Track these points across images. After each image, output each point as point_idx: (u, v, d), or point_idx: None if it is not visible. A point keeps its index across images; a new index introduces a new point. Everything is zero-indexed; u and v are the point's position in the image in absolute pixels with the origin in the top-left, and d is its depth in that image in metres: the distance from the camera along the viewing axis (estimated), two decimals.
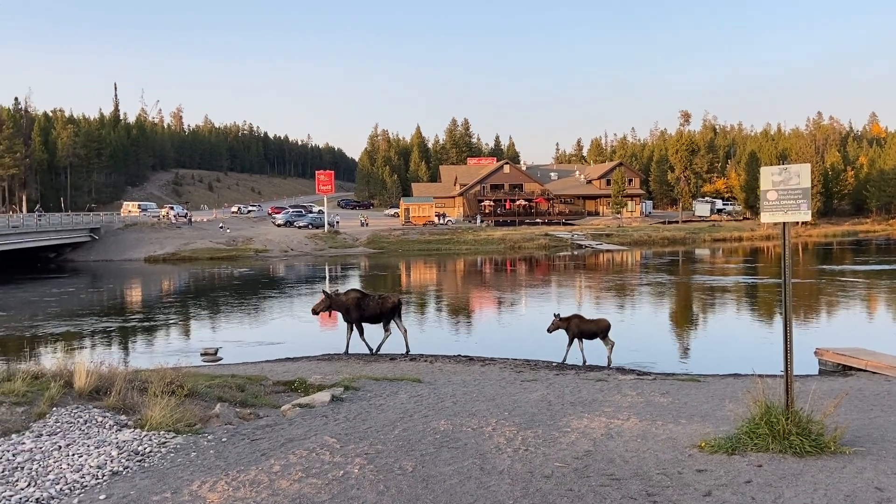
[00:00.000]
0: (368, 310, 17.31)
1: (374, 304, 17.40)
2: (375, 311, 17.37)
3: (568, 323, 15.86)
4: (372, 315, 17.39)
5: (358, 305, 17.21)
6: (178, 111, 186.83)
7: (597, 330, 15.95)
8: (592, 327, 15.98)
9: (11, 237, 49.60)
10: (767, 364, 13.21)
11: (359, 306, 17.21)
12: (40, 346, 20.91)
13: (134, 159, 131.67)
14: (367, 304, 17.36)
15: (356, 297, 17.36)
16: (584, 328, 15.89)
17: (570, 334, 15.85)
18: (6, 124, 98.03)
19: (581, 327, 15.87)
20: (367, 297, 17.58)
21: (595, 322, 16.18)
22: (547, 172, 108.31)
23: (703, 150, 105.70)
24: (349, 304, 17.20)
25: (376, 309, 17.37)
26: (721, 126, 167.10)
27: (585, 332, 15.90)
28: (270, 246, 61.94)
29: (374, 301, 17.47)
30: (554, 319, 15.97)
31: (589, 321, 16.18)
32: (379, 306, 17.40)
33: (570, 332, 15.81)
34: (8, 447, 6.55)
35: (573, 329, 15.80)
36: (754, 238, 72.01)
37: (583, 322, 16.01)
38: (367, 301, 17.39)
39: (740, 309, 27.56)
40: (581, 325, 15.91)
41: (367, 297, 17.58)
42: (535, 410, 8.91)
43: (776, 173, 6.84)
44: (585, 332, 15.90)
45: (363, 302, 17.32)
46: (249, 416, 8.58)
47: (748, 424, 6.74)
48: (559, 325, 15.90)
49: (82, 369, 8.55)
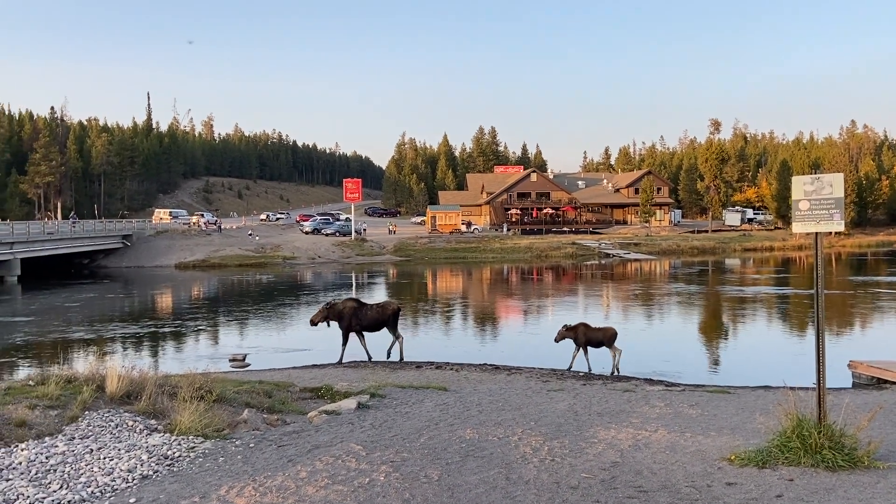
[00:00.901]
0: (367, 318, 17.24)
1: (373, 312, 17.35)
2: (375, 319, 17.32)
3: (575, 332, 16.15)
4: (372, 323, 17.34)
5: (355, 314, 17.16)
6: (209, 120, 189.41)
7: (603, 338, 16.17)
8: (599, 335, 16.22)
9: (47, 244, 50.68)
10: (799, 376, 12.97)
11: (356, 315, 17.15)
12: (73, 350, 21.30)
13: (166, 167, 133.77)
14: (366, 312, 17.28)
15: (353, 307, 17.29)
16: (590, 336, 16.15)
17: (577, 343, 16.15)
18: (43, 133, 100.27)
19: (588, 335, 16.13)
20: (364, 305, 17.53)
21: (602, 330, 16.41)
22: (574, 181, 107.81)
23: (734, 158, 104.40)
24: (346, 313, 17.16)
25: (376, 317, 17.32)
26: (752, 134, 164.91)
27: (592, 340, 16.16)
28: (298, 253, 62.46)
29: (372, 310, 17.42)
30: (561, 329, 16.27)
31: (595, 329, 16.41)
32: (379, 314, 17.37)
33: (578, 340, 16.11)
34: (41, 450, 6.68)
35: (580, 338, 16.09)
36: (786, 248, 70.86)
37: (589, 330, 16.26)
38: (364, 310, 17.32)
39: (771, 320, 27.12)
40: (588, 333, 16.17)
41: (364, 305, 17.53)
42: (561, 420, 8.85)
43: (808, 183, 6.74)
44: (592, 341, 16.16)
45: (360, 311, 17.25)
46: (276, 422, 8.65)
47: (779, 438, 6.62)
48: (566, 335, 16.19)
49: (114, 374, 8.69)
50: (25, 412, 7.53)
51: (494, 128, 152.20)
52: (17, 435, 7.04)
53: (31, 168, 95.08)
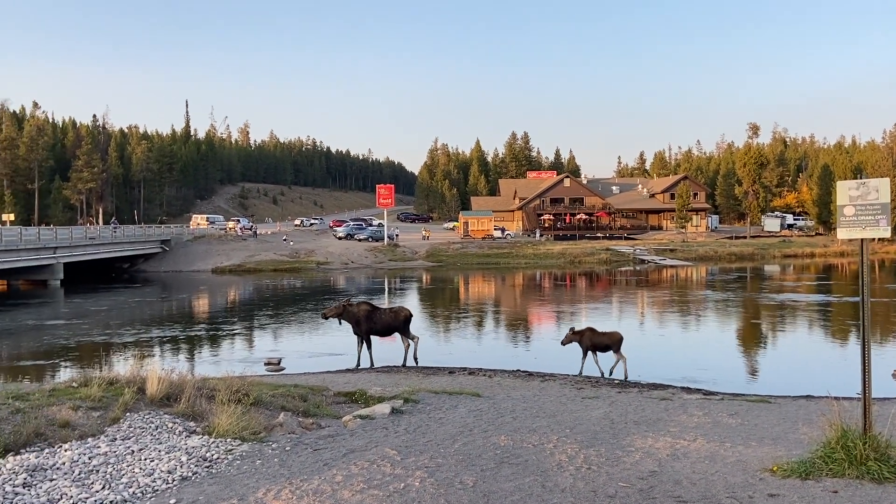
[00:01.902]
0: (380, 322, 17.34)
1: (386, 316, 17.44)
2: (388, 324, 17.40)
3: (581, 336, 16.36)
4: (384, 327, 17.42)
5: (368, 318, 17.24)
6: (245, 127, 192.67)
7: (609, 343, 16.32)
8: (605, 340, 16.39)
9: (88, 248, 51.90)
10: (842, 386, 12.64)
11: (369, 318, 17.24)
12: (115, 352, 21.75)
13: (203, 173, 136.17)
14: (379, 316, 17.37)
15: (367, 310, 17.37)
16: (596, 341, 16.33)
17: (583, 347, 16.34)
18: (85, 140, 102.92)
19: (594, 340, 16.32)
20: (377, 310, 17.63)
21: (608, 335, 16.57)
22: (608, 186, 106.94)
23: (773, 163, 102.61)
24: (360, 317, 17.24)
25: (389, 321, 17.40)
26: (792, 138, 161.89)
27: (598, 344, 16.33)
28: (331, 258, 62.97)
29: (386, 314, 17.51)
30: (567, 333, 16.55)
31: (601, 334, 16.60)
32: (391, 319, 17.44)
33: (584, 344, 16.30)
34: (84, 450, 6.82)
35: (586, 342, 16.29)
36: (827, 254, 69.28)
37: (595, 335, 16.45)
38: (377, 314, 17.41)
39: (812, 328, 26.52)
40: (594, 337, 16.37)
41: (377, 310, 17.63)
42: (597, 428, 8.76)
43: (853, 188, 6.58)
44: (598, 345, 16.33)
45: (374, 315, 17.34)
46: (312, 426, 8.71)
47: (823, 448, 6.45)
48: (572, 339, 16.43)
49: (154, 376, 8.85)
50: (69, 413, 7.70)
51: (527, 133, 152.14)
52: (61, 436, 7.20)
53: (74, 174, 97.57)
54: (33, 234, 45.58)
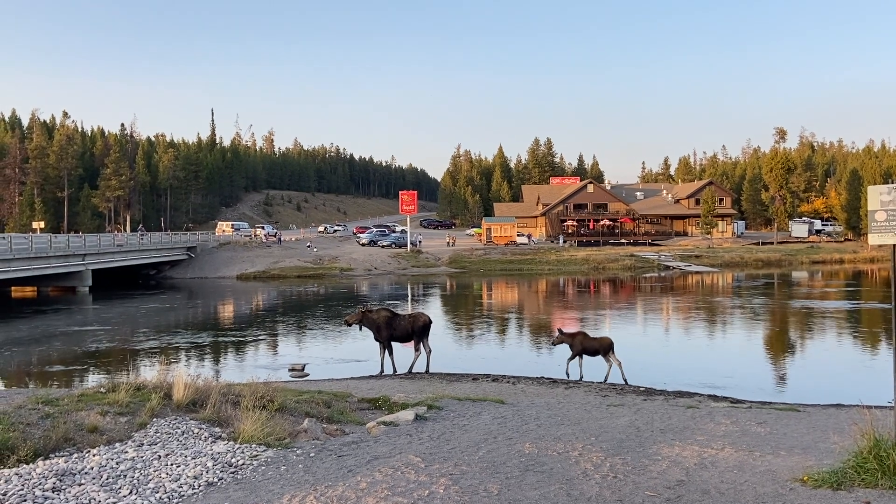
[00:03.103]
0: (399, 329, 17.38)
1: (405, 323, 17.47)
2: (406, 331, 17.43)
3: (572, 339, 16.71)
4: (403, 334, 17.45)
5: (388, 324, 17.29)
6: (269, 135, 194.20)
7: (599, 347, 16.69)
8: (595, 345, 16.74)
9: (116, 255, 52.68)
10: (874, 395, 12.38)
11: (389, 325, 17.29)
12: (142, 358, 22.02)
13: (228, 181, 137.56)
14: (399, 323, 17.42)
15: (386, 317, 17.42)
16: (587, 345, 16.68)
17: (573, 350, 16.63)
18: (113, 149, 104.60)
19: (584, 344, 16.66)
20: (397, 316, 17.66)
21: (598, 340, 16.98)
22: (632, 192, 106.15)
23: (800, 168, 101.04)
24: (380, 323, 17.29)
25: (408, 328, 17.43)
26: (819, 143, 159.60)
27: (588, 349, 16.67)
28: (355, 265, 63.25)
29: (405, 320, 17.54)
30: (558, 335, 16.93)
31: (592, 339, 16.99)
32: (410, 325, 17.45)
33: (574, 348, 16.61)
34: (112, 455, 6.90)
35: (577, 346, 16.59)
36: (857, 260, 68.07)
37: (586, 339, 16.84)
38: (397, 321, 17.45)
39: (841, 335, 26.05)
40: (584, 342, 16.72)
41: (397, 316, 17.66)
42: (622, 436, 8.66)
43: (885, 192, 6.46)
44: (588, 349, 16.66)
45: (393, 321, 17.39)
46: (336, 433, 8.73)
47: (855, 458, 6.32)
48: (563, 341, 16.80)
49: (180, 382, 8.93)
50: (97, 418, 7.80)
51: (550, 139, 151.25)
52: (90, 441, 7.29)
53: (102, 182, 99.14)
54: (63, 242, 46.38)
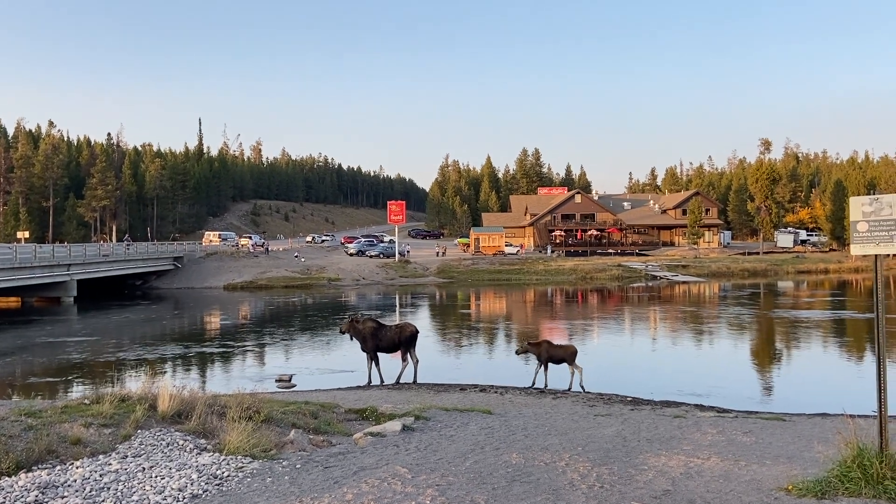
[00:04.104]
0: (385, 339, 17.37)
1: (391, 333, 17.46)
2: (393, 341, 17.42)
3: (538, 348, 16.82)
4: (389, 345, 17.44)
5: (374, 335, 17.29)
6: (257, 144, 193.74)
7: (564, 355, 16.83)
8: (560, 353, 16.89)
9: (102, 265, 52.26)
10: (858, 404, 12.49)
11: (375, 336, 17.29)
12: (127, 369, 21.82)
13: (215, 191, 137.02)
14: (385, 334, 17.41)
15: (372, 327, 17.42)
16: (552, 353, 16.81)
17: (540, 359, 16.77)
18: (99, 158, 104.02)
19: (550, 352, 16.80)
20: (383, 327, 17.67)
21: (563, 348, 17.18)
22: (620, 202, 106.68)
23: (785, 178, 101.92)
24: (365, 334, 17.29)
25: (394, 339, 17.42)
26: (804, 154, 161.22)
27: (554, 357, 16.79)
28: (343, 275, 63.08)
29: (391, 331, 17.53)
30: (524, 344, 17.14)
31: (557, 347, 17.18)
32: (397, 336, 17.45)
33: (541, 357, 16.73)
34: (96, 467, 6.83)
35: (543, 354, 16.71)
36: (842, 270, 68.66)
37: (552, 347, 16.99)
38: (383, 331, 17.45)
39: (827, 345, 26.24)
40: (550, 350, 16.86)
41: (383, 327, 17.67)
42: (609, 446, 8.68)
43: (867, 203, 6.53)
44: (554, 357, 16.79)
45: (379, 332, 17.39)
46: (322, 444, 8.68)
47: (839, 467, 6.36)
48: (529, 350, 16.94)
49: (165, 393, 8.86)
50: (81, 430, 7.72)
51: (538, 149, 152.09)
52: (73, 453, 7.22)
53: (88, 192, 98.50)
54: (47, 252, 45.97)
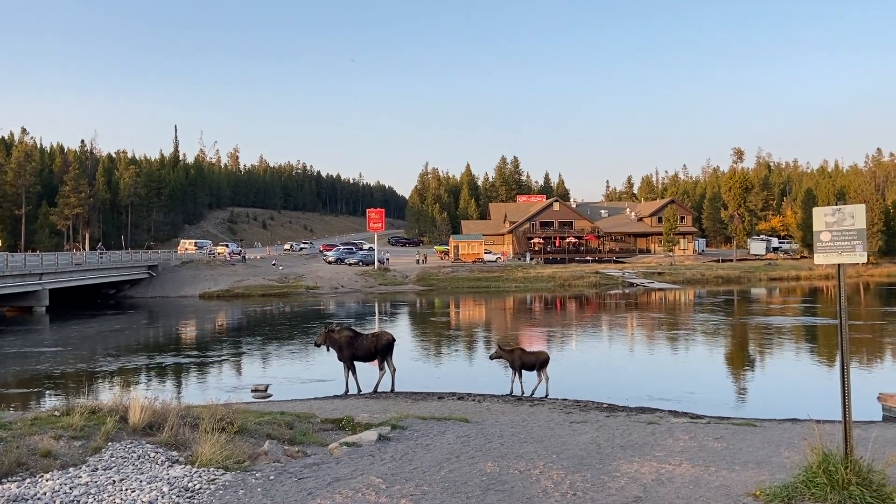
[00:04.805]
0: (361, 349, 17.31)
1: (367, 342, 17.39)
2: (369, 350, 17.37)
3: (511, 355, 16.94)
4: (365, 354, 17.38)
5: (350, 344, 17.23)
6: (234, 151, 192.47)
7: (535, 362, 16.98)
8: (532, 359, 17.03)
9: (74, 274, 51.51)
10: (828, 409, 12.70)
11: (350, 345, 17.23)
12: (98, 380, 21.53)
13: (191, 198, 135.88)
14: (361, 342, 17.34)
15: (348, 336, 17.36)
16: (525, 360, 16.95)
17: (513, 366, 16.91)
18: (73, 166, 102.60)
19: (523, 359, 16.93)
20: (359, 336, 17.60)
21: (535, 354, 17.30)
22: (597, 210, 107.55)
23: (758, 187, 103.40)
24: (341, 343, 17.23)
25: (370, 347, 17.36)
26: (776, 163, 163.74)
27: (526, 363, 16.92)
28: (321, 283, 62.78)
29: (367, 340, 17.47)
30: (497, 349, 17.21)
31: (529, 353, 17.29)
32: (373, 344, 17.39)
33: (514, 364, 16.87)
34: (66, 480, 6.75)
35: (516, 361, 16.84)
36: (813, 277, 69.81)
37: (525, 354, 17.15)
38: (359, 340, 17.38)
39: (799, 351, 26.64)
40: (522, 356, 17.00)
41: (359, 336, 17.60)
42: (583, 453, 8.75)
43: (829, 214, 6.69)
44: (526, 364, 16.92)
45: (356, 341, 17.32)
46: (297, 454, 8.65)
47: (805, 473, 6.48)
48: (502, 356, 17.04)
49: (137, 405, 8.77)
50: (50, 442, 7.63)
51: (517, 157, 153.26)
52: (43, 465, 7.12)
53: (61, 200, 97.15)
54: (19, 261, 45.23)
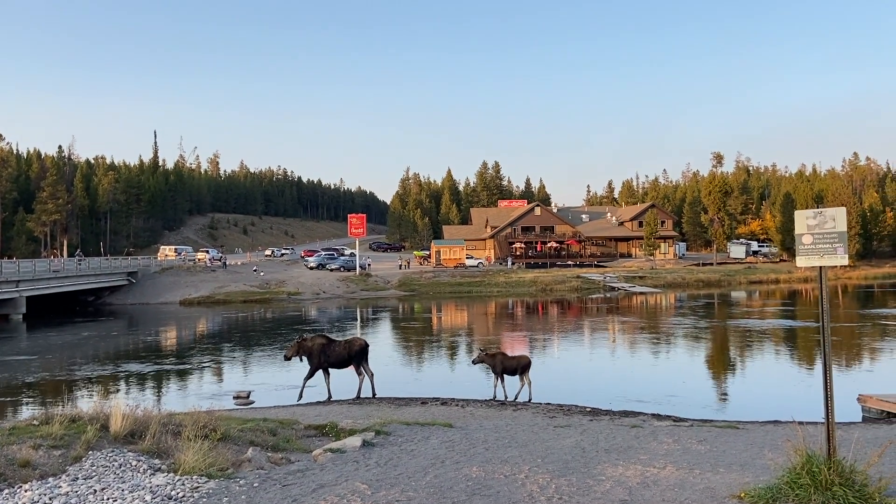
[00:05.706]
0: (334, 355, 17.35)
1: (340, 349, 17.46)
2: (342, 356, 17.41)
3: (493, 360, 17.05)
4: (339, 360, 17.42)
5: (322, 351, 17.27)
6: (214, 157, 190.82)
7: (517, 366, 17.07)
8: (514, 364, 17.14)
9: (52, 282, 50.82)
10: (809, 411, 12.83)
11: (323, 352, 17.27)
12: (78, 388, 21.22)
13: (171, 204, 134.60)
14: (333, 349, 17.39)
15: (321, 343, 17.42)
16: (507, 364, 17.06)
17: (495, 371, 17.03)
18: (50, 172, 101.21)
19: (505, 364, 17.04)
20: (332, 342, 17.65)
21: (516, 359, 17.41)
22: (578, 214, 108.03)
23: (737, 191, 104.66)
24: (313, 350, 17.25)
25: (343, 353, 17.42)
26: (755, 167, 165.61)
27: (508, 368, 17.03)
28: (303, 289, 62.47)
29: (340, 346, 17.54)
30: (480, 353, 17.33)
31: (511, 358, 17.42)
32: (346, 350, 17.45)
33: (495, 369, 16.99)
34: (45, 490, 6.64)
35: (498, 365, 16.94)
36: (792, 280, 70.62)
37: (506, 359, 17.27)
38: (332, 347, 17.43)
39: (779, 353, 26.92)
40: (505, 361, 17.13)
41: (332, 342, 17.65)
42: (568, 457, 8.76)
43: (811, 217, 6.77)
44: (508, 368, 17.02)
45: (328, 348, 17.37)
46: (281, 461, 8.58)
47: (789, 474, 6.53)
48: (485, 360, 17.17)
49: (118, 413, 8.66)
50: (29, 452, 7.50)
51: (498, 162, 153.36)
52: (21, 475, 7.00)
53: (38, 206, 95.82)
54: None
